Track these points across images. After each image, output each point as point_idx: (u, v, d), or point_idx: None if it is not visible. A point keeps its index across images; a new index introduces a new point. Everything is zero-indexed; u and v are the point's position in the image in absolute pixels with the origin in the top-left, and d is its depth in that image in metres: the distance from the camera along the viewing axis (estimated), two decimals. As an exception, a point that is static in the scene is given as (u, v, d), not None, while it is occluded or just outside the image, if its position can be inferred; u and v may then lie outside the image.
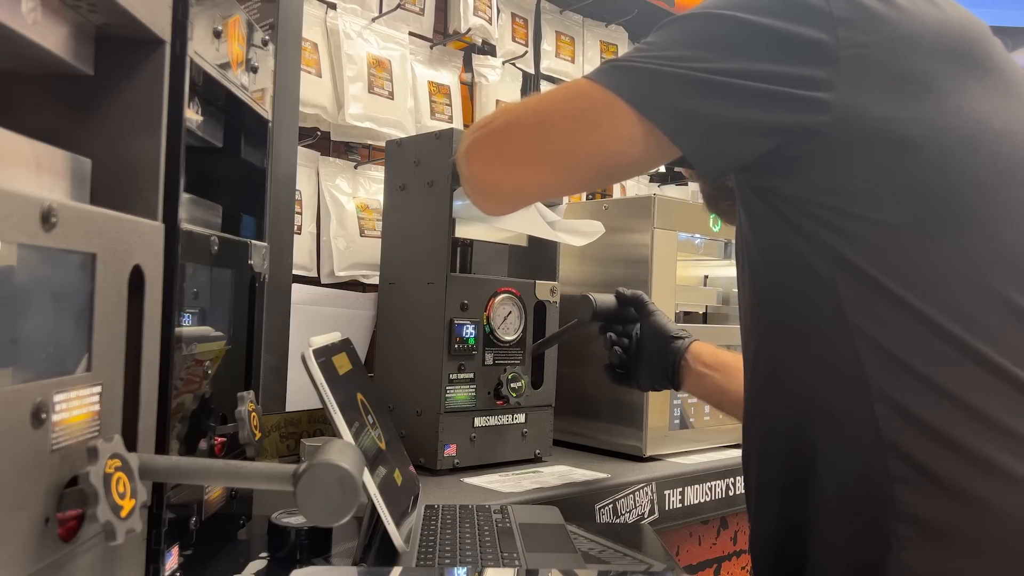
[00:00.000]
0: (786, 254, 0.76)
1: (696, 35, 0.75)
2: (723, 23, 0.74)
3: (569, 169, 0.80)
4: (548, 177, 0.82)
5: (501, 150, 0.82)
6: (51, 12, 0.53)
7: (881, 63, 0.71)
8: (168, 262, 0.63)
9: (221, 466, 0.56)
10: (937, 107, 0.71)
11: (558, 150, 0.78)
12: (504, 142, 0.82)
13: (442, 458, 1.26)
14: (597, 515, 1.20)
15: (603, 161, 0.78)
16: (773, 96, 0.71)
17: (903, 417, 0.69)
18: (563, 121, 0.77)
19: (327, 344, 0.84)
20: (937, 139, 0.70)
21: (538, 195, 0.92)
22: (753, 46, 0.72)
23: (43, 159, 0.52)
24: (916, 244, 0.70)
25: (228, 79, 0.78)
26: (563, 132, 0.77)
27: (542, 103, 0.82)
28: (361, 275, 1.67)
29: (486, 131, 0.83)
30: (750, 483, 0.87)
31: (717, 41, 0.73)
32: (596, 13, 2.25)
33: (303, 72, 1.48)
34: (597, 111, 0.75)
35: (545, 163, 0.80)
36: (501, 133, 0.82)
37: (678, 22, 0.77)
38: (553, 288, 1.41)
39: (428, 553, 0.82)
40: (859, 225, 0.71)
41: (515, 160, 0.82)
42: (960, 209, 0.71)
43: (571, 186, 0.86)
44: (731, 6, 0.74)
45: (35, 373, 0.47)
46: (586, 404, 1.52)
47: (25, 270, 0.46)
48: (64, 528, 0.48)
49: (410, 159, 1.36)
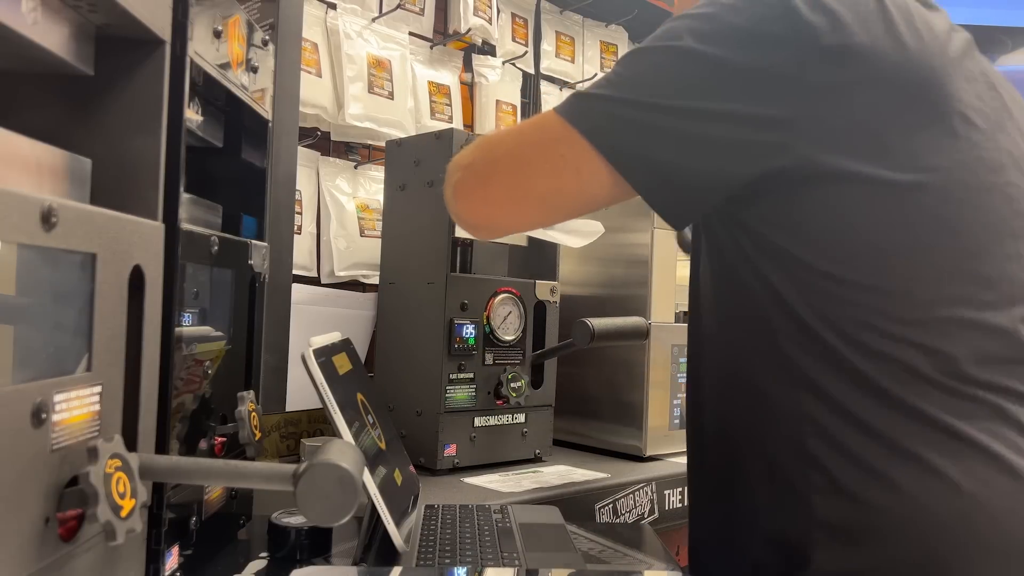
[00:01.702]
0: (732, 276, 0.80)
1: (663, 73, 0.76)
2: (689, 61, 0.74)
3: (553, 208, 0.85)
4: (533, 216, 0.88)
5: (487, 193, 0.86)
6: (51, 12, 0.53)
7: (840, 108, 0.72)
8: (168, 262, 0.63)
9: (221, 466, 0.56)
10: (888, 159, 0.72)
11: (540, 194, 0.82)
12: (488, 186, 0.85)
13: (442, 458, 1.26)
14: (597, 515, 1.20)
15: (584, 201, 0.83)
16: (736, 145, 0.73)
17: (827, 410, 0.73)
18: (544, 167, 0.80)
19: (327, 344, 0.84)
20: (881, 193, 0.72)
21: (526, 228, 0.98)
22: (718, 85, 0.73)
23: (43, 159, 0.52)
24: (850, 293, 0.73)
25: (228, 79, 0.78)
26: (544, 178, 0.81)
27: (521, 146, 0.84)
28: (361, 275, 1.67)
29: (469, 172, 0.86)
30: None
31: (683, 81, 0.74)
32: (596, 13, 2.25)
33: (303, 72, 1.48)
34: (576, 159, 0.78)
35: (529, 205, 0.84)
36: (484, 176, 0.85)
37: (645, 55, 0.78)
38: (553, 288, 1.41)
39: (428, 553, 0.82)
40: (799, 265, 0.74)
41: (500, 202, 0.86)
42: (895, 263, 0.73)
43: (556, 219, 0.91)
44: (699, 38, 0.74)
45: (35, 373, 0.47)
46: (586, 404, 1.52)
47: (25, 270, 0.46)
48: (64, 528, 0.48)
49: (410, 159, 1.36)
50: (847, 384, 0.72)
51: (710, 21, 0.75)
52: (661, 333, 1.44)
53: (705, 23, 0.75)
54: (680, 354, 1.48)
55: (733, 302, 0.81)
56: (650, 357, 1.43)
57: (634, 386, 1.45)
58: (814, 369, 0.73)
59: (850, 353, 0.72)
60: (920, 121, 0.73)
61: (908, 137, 0.73)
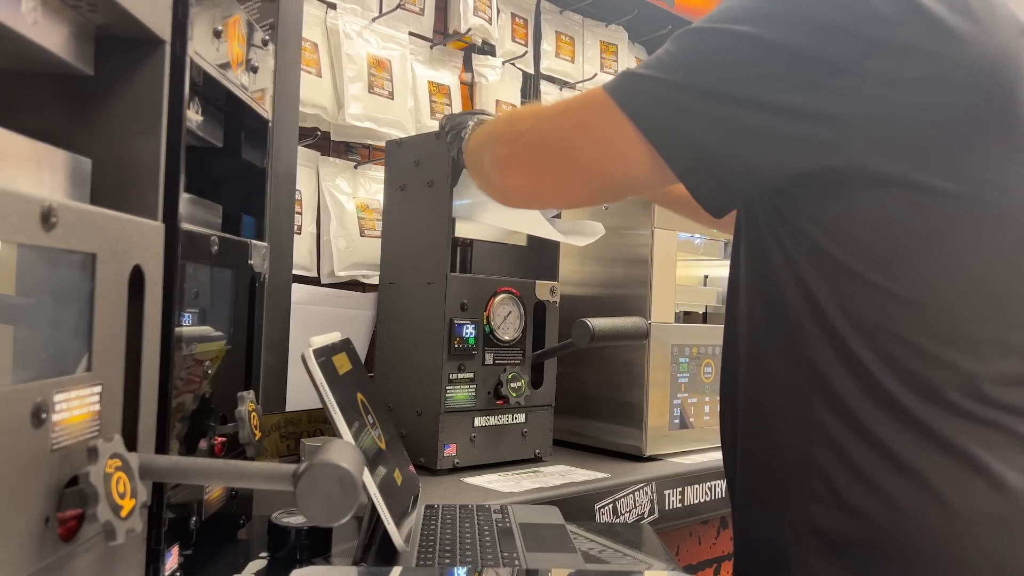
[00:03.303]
0: (767, 270, 0.79)
1: (718, 58, 0.73)
2: (746, 47, 0.71)
3: (598, 189, 0.85)
4: (579, 195, 0.90)
5: (534, 171, 0.86)
6: (51, 12, 0.53)
7: (901, 109, 0.68)
8: (168, 262, 0.63)
9: (221, 466, 0.56)
10: (947, 168, 0.69)
11: (586, 175, 0.82)
12: (536, 163, 0.86)
13: (442, 458, 1.26)
14: (597, 515, 1.20)
15: (629, 183, 0.83)
16: (788, 139, 0.70)
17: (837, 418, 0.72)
18: (591, 149, 0.80)
19: (327, 344, 0.84)
20: (936, 204, 0.69)
21: (571, 206, 1.03)
22: (775, 75, 0.70)
23: (43, 159, 0.52)
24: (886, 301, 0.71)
25: (228, 79, 0.78)
26: (590, 160, 0.81)
27: (568, 126, 0.83)
28: (361, 275, 1.67)
29: (517, 148, 0.87)
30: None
31: (739, 68, 0.71)
32: (596, 13, 2.25)
33: (303, 72, 1.47)
34: (622, 143, 0.77)
35: (575, 184, 0.85)
36: (531, 153, 0.86)
37: (699, 36, 0.75)
38: (553, 288, 1.41)
39: (428, 553, 0.82)
40: (838, 268, 0.72)
41: (547, 180, 0.87)
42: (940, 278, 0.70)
43: (603, 199, 0.94)
44: (758, 23, 0.71)
45: (35, 373, 0.47)
46: (586, 404, 1.52)
47: (26, 270, 0.46)
48: (64, 528, 0.48)
49: (410, 159, 1.36)
50: (864, 396, 0.70)
51: (771, 4, 0.72)
52: (661, 333, 1.44)
53: (765, 6, 0.72)
54: (680, 354, 1.48)
55: (765, 297, 0.79)
56: (650, 357, 1.43)
57: (634, 386, 1.45)
58: (833, 375, 0.72)
59: (875, 365, 0.70)
60: (985, 130, 0.69)
61: (970, 146, 0.69)
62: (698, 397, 1.52)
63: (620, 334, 1.31)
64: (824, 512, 0.72)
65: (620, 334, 1.31)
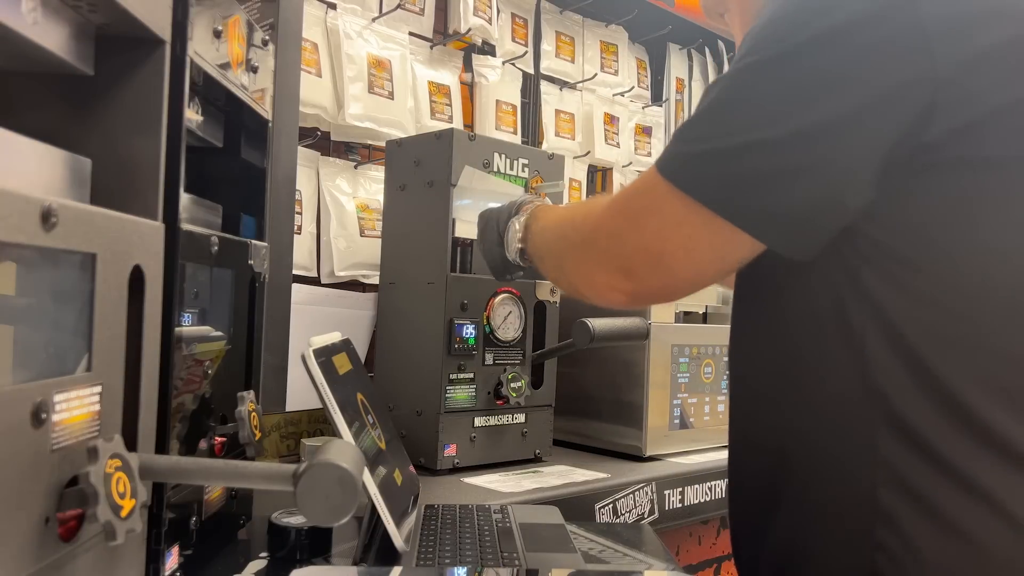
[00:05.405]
0: (815, 285, 0.70)
1: (763, 92, 0.66)
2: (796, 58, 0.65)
3: (705, 282, 0.78)
4: (690, 290, 0.80)
5: (640, 286, 0.78)
6: (51, 12, 0.53)
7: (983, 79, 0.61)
8: (168, 262, 0.63)
9: (221, 466, 0.56)
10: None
11: (688, 278, 0.76)
12: (640, 280, 0.77)
13: (442, 458, 1.26)
14: (597, 515, 1.20)
15: (730, 265, 0.75)
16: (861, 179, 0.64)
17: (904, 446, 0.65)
18: (678, 254, 0.73)
19: (327, 344, 0.84)
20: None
21: (687, 295, 0.86)
22: (837, 60, 0.63)
23: (43, 159, 0.52)
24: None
25: (228, 79, 0.78)
26: (684, 263, 0.73)
27: (649, 237, 0.74)
28: (361, 275, 1.67)
29: (608, 271, 0.79)
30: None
31: (789, 89, 0.65)
32: (596, 13, 2.25)
33: (303, 72, 1.48)
34: (711, 236, 0.70)
35: (682, 287, 0.78)
36: (625, 274, 0.77)
37: (740, 78, 0.68)
38: (553, 288, 1.41)
39: (428, 553, 0.82)
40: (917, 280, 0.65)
41: (656, 291, 0.82)
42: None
43: (715, 282, 0.84)
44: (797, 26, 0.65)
45: (35, 373, 0.47)
46: (586, 404, 1.52)
47: (26, 270, 0.46)
48: (64, 528, 0.48)
49: (410, 159, 1.36)
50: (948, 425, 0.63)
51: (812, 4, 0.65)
52: (661, 333, 1.44)
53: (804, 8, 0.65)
54: (680, 354, 1.48)
55: (802, 324, 0.72)
56: (650, 357, 1.43)
57: (634, 386, 1.45)
58: (908, 404, 0.64)
59: (965, 389, 0.62)
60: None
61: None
62: (698, 397, 1.52)
63: (620, 334, 1.32)
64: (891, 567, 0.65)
65: (620, 334, 1.32)
